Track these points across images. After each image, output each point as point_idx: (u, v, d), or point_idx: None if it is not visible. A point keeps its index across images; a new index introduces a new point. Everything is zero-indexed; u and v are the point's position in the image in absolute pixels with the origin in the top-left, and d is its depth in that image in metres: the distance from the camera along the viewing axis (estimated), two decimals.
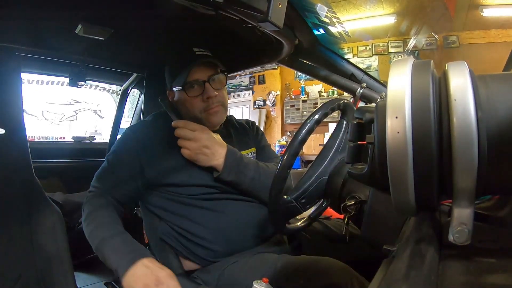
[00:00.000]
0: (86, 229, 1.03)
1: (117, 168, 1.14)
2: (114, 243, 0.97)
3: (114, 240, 0.97)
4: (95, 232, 1.01)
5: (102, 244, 0.97)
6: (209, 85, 1.13)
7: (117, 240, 0.98)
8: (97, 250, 0.98)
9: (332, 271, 0.97)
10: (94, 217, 1.04)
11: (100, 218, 1.04)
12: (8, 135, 1.06)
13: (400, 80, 0.36)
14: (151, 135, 1.16)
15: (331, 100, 0.96)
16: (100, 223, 1.02)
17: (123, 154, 1.15)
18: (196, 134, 1.10)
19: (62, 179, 2.24)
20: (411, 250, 0.40)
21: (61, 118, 6.33)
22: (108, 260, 0.95)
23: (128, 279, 0.89)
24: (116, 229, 1.01)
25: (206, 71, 1.13)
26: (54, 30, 1.23)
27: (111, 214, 1.06)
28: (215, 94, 1.14)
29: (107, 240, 0.97)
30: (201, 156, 1.10)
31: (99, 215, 1.04)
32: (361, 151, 0.52)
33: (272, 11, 0.76)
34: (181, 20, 1.16)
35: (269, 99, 7.95)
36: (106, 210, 1.06)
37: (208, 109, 1.15)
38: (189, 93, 1.13)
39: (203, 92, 1.13)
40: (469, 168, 0.33)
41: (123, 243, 0.97)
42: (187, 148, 1.10)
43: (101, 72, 2.03)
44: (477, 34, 5.70)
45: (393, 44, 6.57)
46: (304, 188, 0.98)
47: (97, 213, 1.05)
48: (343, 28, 1.40)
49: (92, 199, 1.09)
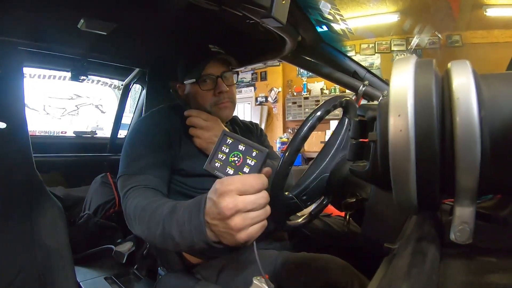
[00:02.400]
0: (142, 225, 0.89)
1: (155, 148, 1.08)
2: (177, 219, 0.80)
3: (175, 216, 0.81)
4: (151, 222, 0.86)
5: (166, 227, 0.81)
6: (221, 80, 1.16)
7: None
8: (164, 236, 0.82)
9: (332, 269, 0.97)
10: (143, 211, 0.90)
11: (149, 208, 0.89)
12: (9, 129, 1.06)
13: (403, 78, 0.36)
14: (168, 121, 1.16)
15: (333, 97, 0.96)
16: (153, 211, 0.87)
17: (155, 133, 1.11)
18: (208, 124, 1.12)
19: (63, 174, 2.25)
20: (412, 248, 0.40)
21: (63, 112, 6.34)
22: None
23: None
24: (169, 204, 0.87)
25: (220, 67, 1.16)
26: (56, 25, 1.23)
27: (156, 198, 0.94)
28: (227, 89, 1.16)
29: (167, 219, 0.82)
30: (212, 146, 1.10)
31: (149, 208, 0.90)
32: (363, 148, 0.52)
33: (276, 7, 0.75)
34: (184, 15, 1.16)
35: (271, 96, 7.95)
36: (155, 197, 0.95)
37: (218, 103, 1.17)
38: (202, 86, 1.15)
39: (215, 87, 1.16)
40: (472, 167, 0.33)
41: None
42: (199, 136, 1.11)
43: (103, 67, 2.03)
44: (480, 34, 5.68)
45: (396, 42, 6.56)
46: (305, 185, 0.98)
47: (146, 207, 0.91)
48: (346, 25, 1.40)
49: (133, 197, 0.96)
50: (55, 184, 2.15)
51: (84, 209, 2.12)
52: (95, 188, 2.14)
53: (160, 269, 1.22)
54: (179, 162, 1.11)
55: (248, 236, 0.69)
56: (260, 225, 0.71)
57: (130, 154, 1.08)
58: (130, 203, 0.95)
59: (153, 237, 0.86)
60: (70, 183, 2.26)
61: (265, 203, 0.71)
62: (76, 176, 2.26)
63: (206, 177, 1.12)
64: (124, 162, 1.07)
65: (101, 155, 2.41)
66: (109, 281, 1.65)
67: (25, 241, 1.04)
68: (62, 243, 1.10)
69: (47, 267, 1.05)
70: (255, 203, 0.68)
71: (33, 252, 1.05)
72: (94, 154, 2.40)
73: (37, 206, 1.09)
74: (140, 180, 1.00)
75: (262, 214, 0.70)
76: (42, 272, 1.04)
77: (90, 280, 1.66)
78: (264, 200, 0.70)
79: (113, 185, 2.11)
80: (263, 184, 0.70)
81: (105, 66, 1.99)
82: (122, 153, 1.10)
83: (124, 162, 1.07)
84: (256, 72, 8.11)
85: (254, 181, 0.68)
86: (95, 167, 2.24)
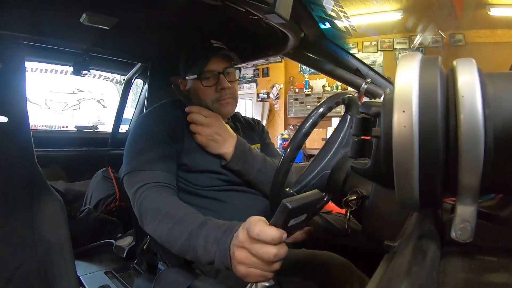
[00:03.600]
0: (161, 229, 0.90)
1: (160, 142, 1.08)
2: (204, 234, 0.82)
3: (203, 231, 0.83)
4: (173, 230, 0.87)
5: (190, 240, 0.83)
6: (223, 76, 1.15)
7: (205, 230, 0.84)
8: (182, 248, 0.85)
9: (332, 266, 0.97)
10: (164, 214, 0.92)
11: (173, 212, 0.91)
12: (11, 123, 1.06)
13: (408, 75, 0.36)
14: (171, 116, 1.16)
15: (336, 94, 0.96)
16: (177, 219, 0.89)
17: (160, 127, 1.11)
18: (210, 120, 1.11)
19: (64, 168, 2.26)
20: (413, 246, 0.40)
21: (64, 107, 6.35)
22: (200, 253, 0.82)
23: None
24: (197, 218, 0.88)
25: (222, 63, 1.15)
26: (58, 19, 1.23)
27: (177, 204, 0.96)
28: (229, 86, 1.16)
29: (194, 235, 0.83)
30: (212, 143, 1.10)
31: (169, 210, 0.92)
32: (365, 146, 0.52)
33: (279, 3, 0.75)
34: (187, 10, 1.15)
35: (273, 92, 7.95)
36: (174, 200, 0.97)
37: (220, 99, 1.16)
38: (204, 82, 1.14)
39: (217, 83, 1.15)
40: (475, 166, 0.33)
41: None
42: (200, 133, 1.11)
43: (105, 62, 2.04)
44: (484, 33, 5.66)
45: (398, 40, 6.55)
46: (306, 182, 0.98)
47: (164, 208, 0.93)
48: (349, 22, 1.39)
49: (148, 196, 0.97)
50: (56, 178, 2.16)
51: (85, 203, 2.13)
52: (96, 182, 2.15)
53: (160, 263, 1.22)
54: (181, 157, 1.11)
55: (245, 273, 0.72)
56: (260, 273, 0.71)
57: (136, 149, 1.07)
58: (146, 203, 0.96)
59: (172, 242, 0.88)
60: (71, 177, 2.27)
61: (274, 260, 0.70)
62: (77, 170, 2.27)
63: (207, 173, 1.12)
64: (128, 157, 1.07)
65: (102, 150, 2.41)
66: (109, 275, 1.66)
67: (26, 235, 1.04)
68: (63, 238, 1.10)
69: (47, 261, 1.06)
70: (258, 252, 0.69)
71: (34, 246, 1.05)
72: (95, 148, 2.40)
73: (38, 200, 1.09)
74: (150, 177, 1.00)
75: (266, 267, 0.71)
76: (43, 266, 1.05)
77: (90, 274, 1.67)
78: (273, 257, 0.69)
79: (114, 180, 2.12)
80: (278, 241, 0.69)
81: (107, 60, 1.99)
82: (126, 148, 1.10)
83: (129, 157, 1.07)
84: (258, 69, 8.10)
85: (272, 234, 0.68)
86: (96, 161, 2.25)
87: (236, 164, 1.12)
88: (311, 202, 0.74)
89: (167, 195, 0.98)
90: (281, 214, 0.68)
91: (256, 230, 0.69)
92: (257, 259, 0.70)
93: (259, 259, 0.70)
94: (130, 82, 2.27)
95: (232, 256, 0.74)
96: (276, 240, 0.69)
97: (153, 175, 1.01)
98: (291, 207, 0.66)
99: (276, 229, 0.69)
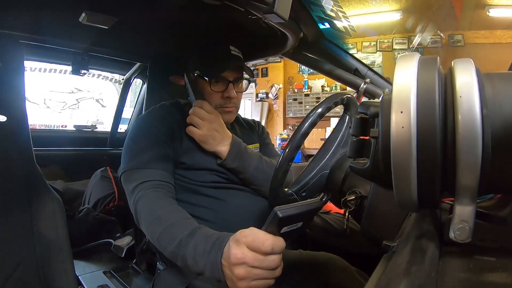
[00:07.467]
0: (153, 231, 0.91)
1: (159, 142, 1.08)
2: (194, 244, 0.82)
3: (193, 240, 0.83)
4: (165, 235, 0.88)
5: (179, 247, 0.84)
6: (232, 86, 1.15)
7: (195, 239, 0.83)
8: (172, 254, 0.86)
9: (330, 266, 0.97)
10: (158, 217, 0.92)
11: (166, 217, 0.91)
12: (10, 122, 1.06)
13: (406, 75, 0.36)
14: (170, 116, 1.16)
15: (334, 94, 0.96)
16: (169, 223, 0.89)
17: (158, 127, 1.11)
18: (211, 116, 1.11)
19: (63, 168, 2.25)
20: (411, 246, 0.40)
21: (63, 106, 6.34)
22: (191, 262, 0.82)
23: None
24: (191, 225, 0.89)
25: (234, 73, 1.15)
26: (57, 18, 1.22)
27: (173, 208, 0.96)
28: (235, 96, 1.17)
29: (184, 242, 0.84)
30: (210, 139, 1.10)
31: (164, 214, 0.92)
32: (364, 146, 0.52)
33: (278, 3, 0.75)
34: (186, 10, 1.15)
35: (272, 92, 7.95)
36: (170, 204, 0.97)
37: (223, 106, 1.17)
38: (213, 87, 1.14)
39: (225, 91, 1.15)
40: (473, 166, 0.33)
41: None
42: (200, 127, 1.10)
43: (104, 61, 2.03)
44: (483, 34, 5.68)
45: (397, 40, 6.56)
46: (305, 182, 0.98)
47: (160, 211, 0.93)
48: (349, 22, 1.39)
49: (144, 196, 0.97)
50: (55, 177, 2.15)
51: (84, 203, 2.13)
52: (94, 182, 2.14)
53: (159, 263, 1.22)
54: (180, 156, 1.11)
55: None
56: (264, 282, 0.72)
57: (134, 148, 1.08)
58: (142, 203, 0.96)
59: (163, 247, 0.88)
60: (69, 176, 2.26)
61: (274, 266, 0.72)
62: (76, 170, 2.27)
63: (206, 170, 1.12)
64: (127, 156, 1.07)
65: (101, 149, 2.41)
66: (107, 275, 1.65)
67: (24, 234, 1.04)
68: (61, 237, 1.10)
69: (46, 261, 1.05)
70: (262, 263, 0.70)
71: (32, 245, 1.05)
72: (94, 148, 2.40)
73: (36, 200, 1.08)
74: (147, 175, 1.01)
75: (269, 275, 0.72)
76: (41, 265, 1.04)
77: (89, 274, 1.66)
78: (273, 264, 0.71)
79: (113, 179, 2.12)
80: (273, 247, 0.70)
81: (106, 60, 1.99)
82: (124, 148, 1.10)
83: (127, 157, 1.07)
84: (257, 68, 8.10)
85: (266, 240, 0.70)
86: (95, 161, 2.25)
87: (232, 162, 1.12)
88: (307, 212, 0.74)
89: (163, 196, 0.98)
90: (272, 221, 0.69)
91: (257, 243, 0.70)
92: (261, 270, 0.71)
93: (264, 270, 0.71)
94: (129, 81, 2.26)
95: (229, 275, 0.74)
96: (279, 250, 0.71)
97: (151, 173, 1.02)
98: (281, 215, 0.68)
99: (277, 238, 0.71)
